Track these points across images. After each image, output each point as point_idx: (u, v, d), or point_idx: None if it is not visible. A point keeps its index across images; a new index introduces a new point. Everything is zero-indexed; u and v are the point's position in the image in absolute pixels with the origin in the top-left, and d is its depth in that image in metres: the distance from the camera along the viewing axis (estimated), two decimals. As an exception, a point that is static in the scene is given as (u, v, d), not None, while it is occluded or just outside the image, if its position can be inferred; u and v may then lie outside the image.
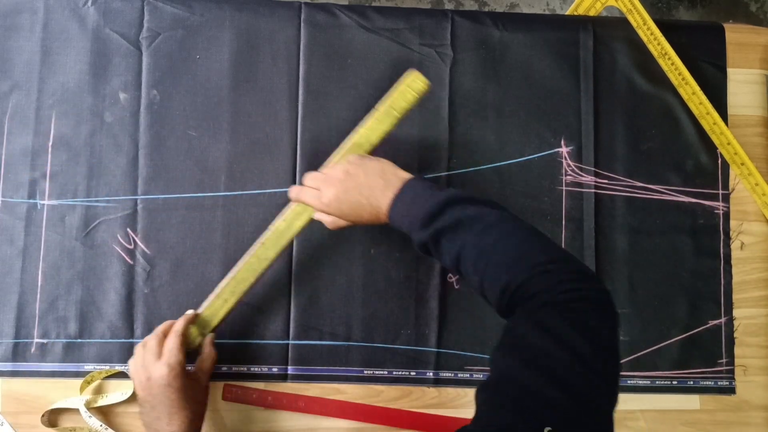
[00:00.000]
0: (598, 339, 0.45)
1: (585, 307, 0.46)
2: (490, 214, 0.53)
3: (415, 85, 0.64)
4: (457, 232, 0.53)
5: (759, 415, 0.74)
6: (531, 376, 0.42)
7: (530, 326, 0.45)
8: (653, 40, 0.76)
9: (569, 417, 0.40)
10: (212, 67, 0.72)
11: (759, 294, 0.76)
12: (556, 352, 0.43)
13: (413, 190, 0.57)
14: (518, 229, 0.52)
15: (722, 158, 0.77)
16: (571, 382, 0.42)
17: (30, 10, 0.71)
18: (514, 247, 0.51)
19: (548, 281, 0.47)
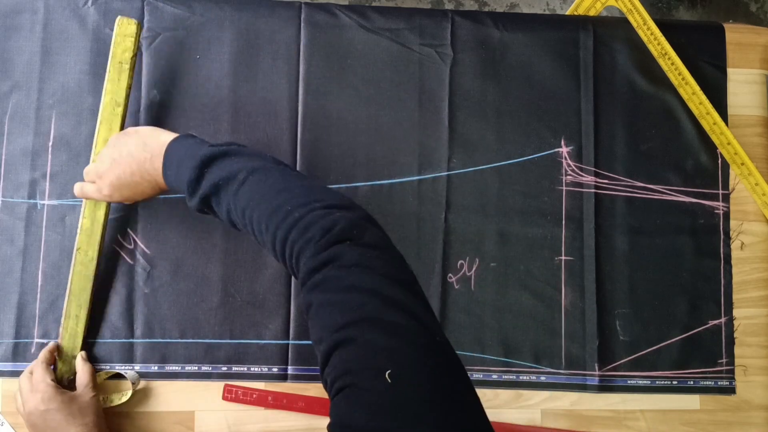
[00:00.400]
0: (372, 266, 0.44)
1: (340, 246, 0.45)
2: (241, 170, 0.52)
3: (127, 30, 0.65)
4: (219, 196, 0.52)
5: (759, 415, 0.74)
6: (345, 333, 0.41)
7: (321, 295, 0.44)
8: (653, 40, 0.76)
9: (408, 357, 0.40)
10: (212, 67, 0.72)
11: (759, 294, 0.76)
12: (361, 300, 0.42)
13: (175, 154, 0.56)
14: (267, 178, 0.51)
15: (722, 158, 0.77)
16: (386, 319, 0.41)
17: (30, 10, 0.71)
18: (266, 201, 0.49)
19: (303, 235, 0.46)
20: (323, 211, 0.47)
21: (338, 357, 0.41)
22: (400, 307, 0.42)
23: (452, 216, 0.73)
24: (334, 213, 0.47)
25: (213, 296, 0.70)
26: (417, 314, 0.42)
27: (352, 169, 0.72)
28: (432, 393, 0.38)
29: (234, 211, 0.51)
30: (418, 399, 0.38)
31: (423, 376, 0.39)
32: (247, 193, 0.51)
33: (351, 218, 0.47)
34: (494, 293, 0.73)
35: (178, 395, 0.69)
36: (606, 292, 0.74)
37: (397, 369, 0.38)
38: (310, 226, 0.46)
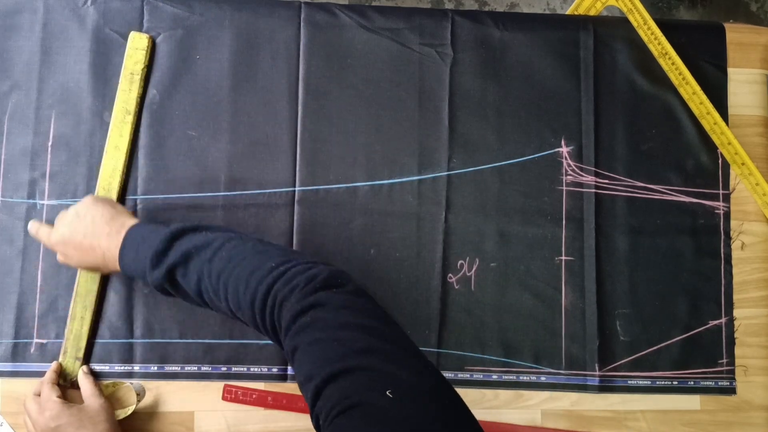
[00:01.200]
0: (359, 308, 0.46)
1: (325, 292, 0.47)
2: (216, 238, 0.53)
3: (139, 43, 0.69)
4: (188, 265, 0.52)
5: (760, 415, 0.74)
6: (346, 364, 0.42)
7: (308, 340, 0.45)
8: (654, 40, 0.76)
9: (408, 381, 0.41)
10: (212, 67, 0.72)
11: (759, 294, 0.76)
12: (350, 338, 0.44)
13: (139, 234, 0.57)
14: (245, 244, 0.52)
15: (723, 158, 0.76)
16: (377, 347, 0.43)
17: (30, 10, 0.71)
18: (247, 261, 0.50)
19: (287, 285, 0.47)
20: (306, 265, 0.49)
21: (333, 388, 0.41)
22: (392, 341, 0.44)
23: (452, 216, 0.73)
24: (318, 266, 0.49)
25: (213, 296, 0.70)
26: (406, 346, 0.44)
27: (352, 169, 0.72)
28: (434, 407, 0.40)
29: (206, 278, 0.51)
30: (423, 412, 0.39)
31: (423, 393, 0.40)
32: (224, 258, 0.51)
33: (333, 270, 0.49)
34: (494, 293, 0.73)
35: (178, 395, 0.69)
36: (606, 292, 0.74)
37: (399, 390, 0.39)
38: (295, 277, 0.48)
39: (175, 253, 0.53)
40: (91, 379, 0.66)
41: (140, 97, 0.70)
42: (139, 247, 0.56)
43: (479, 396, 0.72)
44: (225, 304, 0.51)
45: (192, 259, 0.53)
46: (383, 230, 0.72)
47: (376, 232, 0.72)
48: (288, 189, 0.71)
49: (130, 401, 0.68)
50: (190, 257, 0.53)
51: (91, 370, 0.68)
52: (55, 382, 0.65)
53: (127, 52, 0.69)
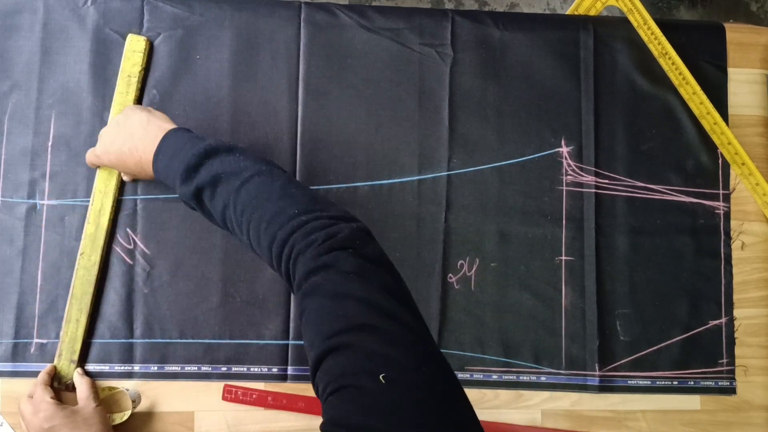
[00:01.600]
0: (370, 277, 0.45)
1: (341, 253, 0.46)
2: (247, 168, 0.52)
3: (136, 46, 0.69)
4: (216, 190, 0.52)
5: (760, 415, 0.74)
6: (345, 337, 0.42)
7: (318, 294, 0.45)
8: (654, 40, 0.76)
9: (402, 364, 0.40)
10: (212, 67, 0.72)
11: (760, 294, 0.76)
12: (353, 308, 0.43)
13: (174, 141, 0.56)
14: (273, 181, 0.51)
15: (723, 158, 0.76)
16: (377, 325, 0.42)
17: (30, 10, 0.71)
18: (272, 202, 0.49)
19: (306, 238, 0.47)
20: (328, 221, 0.48)
21: (332, 361, 0.41)
22: (395, 318, 0.43)
23: (452, 216, 0.73)
24: (339, 223, 0.48)
25: (213, 296, 0.70)
26: (412, 326, 0.43)
27: (352, 169, 0.72)
28: (425, 397, 0.39)
29: (231, 208, 0.51)
30: (412, 402, 0.38)
31: (416, 381, 0.39)
32: (251, 191, 0.50)
33: (354, 229, 0.48)
34: (494, 293, 0.73)
35: (178, 395, 0.69)
36: (606, 292, 0.74)
37: (392, 373, 0.39)
38: (314, 231, 0.46)
39: (206, 172, 0.52)
40: (87, 381, 0.66)
41: (137, 100, 0.70)
42: (172, 156, 0.55)
43: (479, 396, 0.72)
44: (246, 238, 0.51)
45: (220, 184, 0.51)
46: (383, 230, 0.72)
47: (375, 232, 0.71)
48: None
49: (126, 407, 0.68)
50: (218, 181, 0.51)
51: (86, 372, 0.68)
52: (48, 383, 0.65)
53: (124, 54, 0.69)
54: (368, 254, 0.47)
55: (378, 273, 0.46)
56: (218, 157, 0.53)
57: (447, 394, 0.40)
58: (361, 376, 0.39)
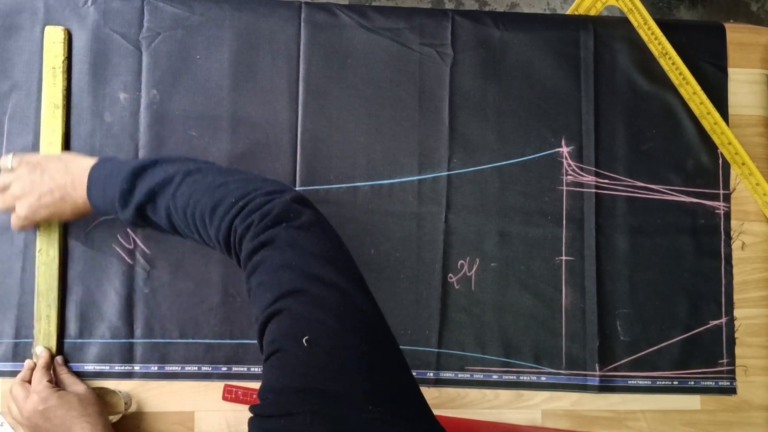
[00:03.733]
0: (304, 246, 0.47)
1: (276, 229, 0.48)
2: (177, 173, 0.53)
3: (55, 37, 0.69)
4: (155, 203, 0.53)
5: (760, 415, 0.74)
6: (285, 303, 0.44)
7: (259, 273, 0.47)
8: (654, 40, 0.76)
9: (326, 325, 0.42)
10: (212, 67, 0.72)
11: (760, 294, 0.75)
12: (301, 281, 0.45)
13: (100, 175, 0.58)
14: (204, 177, 0.53)
15: (723, 158, 0.76)
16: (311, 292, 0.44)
17: (30, 10, 0.71)
18: (208, 196, 0.51)
19: (244, 221, 0.49)
20: (263, 198, 0.50)
21: (268, 330, 0.43)
22: (326, 281, 0.44)
23: (452, 216, 0.73)
24: (273, 199, 0.50)
25: (213, 296, 0.70)
26: (343, 288, 0.45)
27: (352, 169, 0.72)
28: (347, 356, 0.41)
29: (174, 213, 0.53)
30: (333, 361, 0.40)
31: (340, 341, 0.41)
32: (186, 193, 0.52)
33: (286, 202, 0.49)
34: (494, 293, 0.73)
35: (178, 395, 0.69)
36: (606, 292, 0.74)
37: (315, 335, 0.41)
38: (251, 213, 0.49)
39: (140, 191, 0.54)
40: (67, 369, 0.67)
41: (66, 89, 0.69)
42: (103, 189, 0.57)
43: (479, 396, 0.72)
44: (198, 237, 0.53)
45: (157, 196, 0.53)
46: (383, 230, 0.72)
47: (376, 232, 0.72)
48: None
49: (118, 408, 0.67)
50: (154, 195, 0.53)
51: (65, 360, 0.68)
52: (49, 367, 0.65)
53: (45, 47, 0.69)
54: (302, 224, 0.49)
55: (311, 240, 0.48)
56: (146, 173, 0.55)
57: (372, 354, 0.42)
58: (287, 341, 0.41)
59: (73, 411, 0.60)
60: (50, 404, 0.60)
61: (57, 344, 0.67)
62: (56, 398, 0.61)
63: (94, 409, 0.62)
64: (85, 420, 0.59)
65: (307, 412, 0.38)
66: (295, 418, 0.38)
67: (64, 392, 0.62)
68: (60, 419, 0.59)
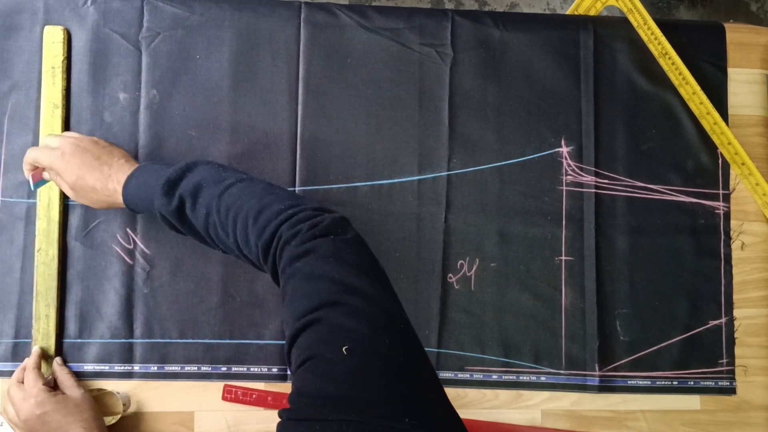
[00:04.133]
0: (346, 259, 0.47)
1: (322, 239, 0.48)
2: (228, 176, 0.54)
3: (55, 37, 0.69)
4: (198, 198, 0.53)
5: (760, 415, 0.74)
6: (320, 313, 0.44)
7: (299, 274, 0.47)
8: (654, 40, 0.76)
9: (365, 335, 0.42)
10: (212, 67, 0.72)
11: (759, 294, 0.76)
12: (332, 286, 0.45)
13: (148, 167, 0.59)
14: (255, 185, 0.54)
15: (723, 158, 0.76)
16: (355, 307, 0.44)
17: (30, 10, 0.71)
18: (257, 200, 0.51)
19: (292, 228, 0.49)
20: (312, 212, 0.50)
21: (303, 338, 0.43)
22: (364, 294, 0.45)
23: (452, 216, 0.73)
24: (323, 214, 0.50)
25: (213, 296, 0.70)
26: (380, 302, 0.45)
27: (352, 169, 0.72)
28: (384, 366, 0.41)
29: (215, 213, 0.52)
30: (370, 370, 0.40)
31: (378, 351, 0.41)
32: (234, 194, 0.52)
33: (336, 219, 0.50)
34: (494, 293, 0.73)
35: (178, 395, 0.69)
36: (606, 292, 0.74)
37: (353, 345, 0.41)
38: (300, 222, 0.49)
39: (187, 183, 0.54)
40: (67, 370, 0.66)
41: (66, 89, 0.69)
42: (148, 176, 0.57)
43: (479, 396, 0.72)
44: (233, 239, 0.52)
45: (201, 193, 0.53)
46: (383, 230, 0.72)
47: (375, 232, 0.72)
48: (288, 189, 0.72)
49: (116, 409, 0.67)
50: (199, 190, 0.53)
51: (64, 361, 0.67)
52: (39, 367, 0.65)
53: (44, 47, 0.69)
54: (348, 239, 0.49)
55: (354, 255, 0.48)
56: (197, 168, 0.55)
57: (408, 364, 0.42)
58: (325, 348, 0.41)
59: (69, 416, 0.60)
60: (47, 409, 0.60)
61: (56, 344, 0.67)
62: (53, 403, 0.61)
63: (90, 414, 0.62)
64: (81, 425, 0.60)
65: (342, 420, 0.38)
66: (329, 424, 0.38)
67: (60, 396, 0.62)
68: (56, 423, 0.60)
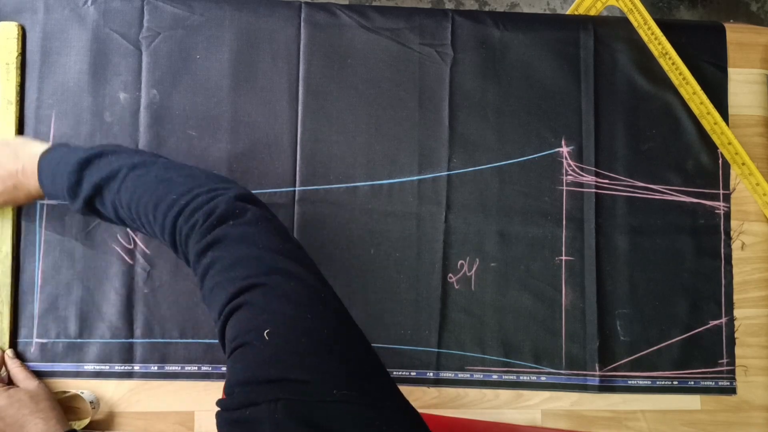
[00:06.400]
0: (254, 241, 0.47)
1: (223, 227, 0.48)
2: (121, 167, 0.53)
3: (9, 33, 0.69)
4: (102, 196, 0.53)
5: (760, 415, 0.74)
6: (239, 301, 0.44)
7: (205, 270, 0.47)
8: (654, 40, 0.76)
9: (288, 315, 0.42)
10: (212, 67, 0.72)
11: (760, 294, 0.75)
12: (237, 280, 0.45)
13: (50, 162, 0.57)
14: (148, 172, 0.53)
15: (723, 158, 0.76)
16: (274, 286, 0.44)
17: (30, 10, 0.71)
18: (150, 193, 0.51)
19: (188, 221, 0.48)
20: (206, 196, 0.49)
21: (229, 328, 0.44)
22: (281, 272, 0.45)
23: (452, 216, 0.73)
24: (217, 197, 0.49)
25: (213, 296, 0.70)
26: (298, 277, 0.45)
27: (352, 169, 0.72)
28: (309, 345, 0.41)
29: (120, 208, 0.53)
30: (294, 349, 0.41)
31: (301, 330, 0.42)
32: (129, 188, 0.52)
33: (230, 199, 0.49)
34: (494, 293, 0.73)
35: (178, 395, 0.69)
36: (606, 292, 0.74)
37: (276, 326, 0.41)
38: (195, 212, 0.49)
39: (87, 184, 0.54)
40: (19, 362, 0.66)
41: (20, 86, 0.69)
42: (53, 176, 0.56)
43: (479, 396, 0.72)
44: (145, 231, 0.53)
45: (103, 190, 0.53)
46: (383, 230, 0.72)
47: (376, 232, 0.72)
48: (288, 189, 0.71)
49: (85, 412, 0.67)
50: (101, 188, 0.53)
51: (16, 354, 0.67)
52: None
53: (0, 44, 0.69)
54: (249, 220, 0.49)
55: (261, 235, 0.48)
56: (92, 166, 0.54)
57: (334, 339, 0.42)
58: (248, 335, 0.42)
59: (24, 409, 0.59)
60: (1, 404, 0.59)
61: (10, 342, 0.67)
62: (5, 397, 0.60)
63: (47, 404, 0.60)
64: (38, 416, 0.58)
65: (271, 400, 0.38)
66: (259, 407, 0.39)
67: (13, 390, 0.61)
68: (12, 418, 0.58)
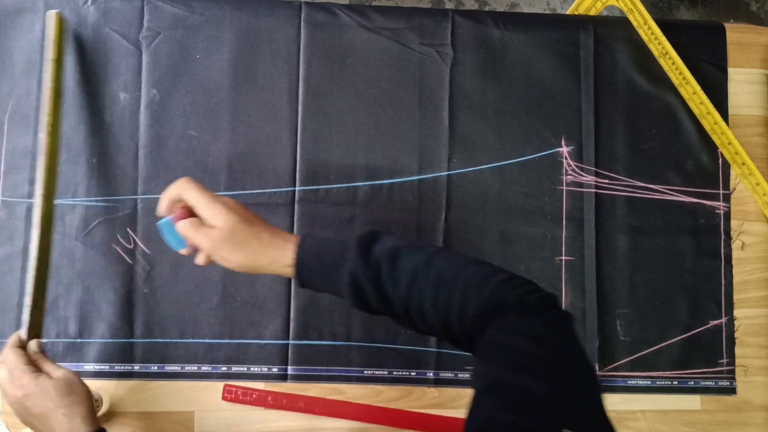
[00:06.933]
0: (570, 337, 0.46)
1: (551, 311, 0.48)
2: (424, 246, 0.52)
3: (56, 23, 0.67)
4: (396, 264, 0.50)
5: (760, 415, 0.74)
6: (525, 379, 0.42)
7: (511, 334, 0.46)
8: (654, 40, 0.76)
9: (573, 413, 0.41)
10: (212, 67, 0.72)
11: (760, 294, 0.75)
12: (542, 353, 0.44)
13: (314, 238, 0.54)
14: (455, 254, 0.52)
15: (723, 158, 0.76)
16: (565, 378, 0.43)
17: (30, 9, 0.71)
18: (472, 268, 0.49)
19: (514, 291, 0.48)
20: (532, 285, 0.49)
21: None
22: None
23: (452, 216, 0.73)
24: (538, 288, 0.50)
25: (213, 296, 0.70)
26: None
27: (352, 169, 0.72)
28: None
29: (422, 279, 0.49)
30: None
31: None
32: (444, 261, 0.50)
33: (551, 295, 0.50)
34: (494, 293, 0.72)
35: (178, 395, 0.69)
36: (606, 292, 0.74)
37: None
38: (531, 293, 0.48)
39: (382, 247, 0.50)
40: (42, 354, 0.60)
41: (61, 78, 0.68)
42: (322, 247, 0.52)
43: (479, 396, 0.72)
44: (443, 308, 0.49)
45: (400, 258, 0.50)
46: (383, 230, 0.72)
47: (376, 232, 0.72)
48: (288, 189, 0.72)
49: None
50: (398, 255, 0.50)
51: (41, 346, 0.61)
52: (19, 346, 0.59)
53: (49, 36, 0.67)
54: (566, 315, 0.49)
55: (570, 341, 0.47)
56: (383, 237, 0.52)
57: None
58: None
59: (48, 401, 0.55)
60: (28, 391, 0.55)
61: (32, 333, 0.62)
62: (33, 385, 0.56)
63: (72, 398, 0.56)
64: (61, 411, 0.55)
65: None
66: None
67: (42, 378, 0.56)
68: (38, 408, 0.55)
